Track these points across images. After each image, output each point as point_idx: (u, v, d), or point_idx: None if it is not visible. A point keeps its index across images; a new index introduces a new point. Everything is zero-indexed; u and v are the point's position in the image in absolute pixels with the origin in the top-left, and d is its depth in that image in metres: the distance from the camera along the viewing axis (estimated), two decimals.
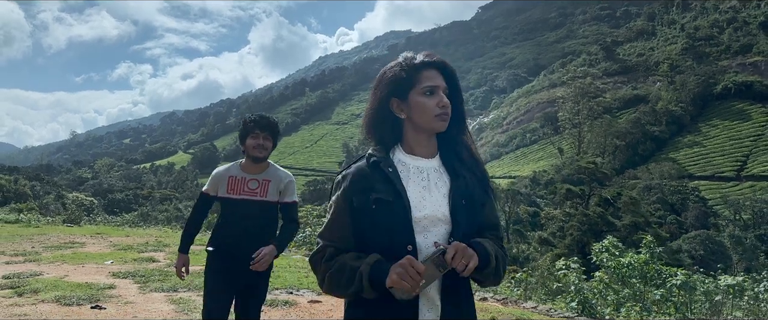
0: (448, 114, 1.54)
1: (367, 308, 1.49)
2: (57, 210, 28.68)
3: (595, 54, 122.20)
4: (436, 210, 1.51)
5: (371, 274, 1.41)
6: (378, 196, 1.49)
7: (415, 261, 1.37)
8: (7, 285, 5.68)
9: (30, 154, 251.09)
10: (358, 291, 1.44)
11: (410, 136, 1.58)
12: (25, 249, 8.82)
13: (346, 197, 1.53)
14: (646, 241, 7.63)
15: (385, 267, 1.41)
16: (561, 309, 5.70)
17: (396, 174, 1.52)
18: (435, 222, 1.50)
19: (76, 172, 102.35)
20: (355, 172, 1.55)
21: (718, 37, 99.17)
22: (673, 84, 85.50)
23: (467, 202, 1.55)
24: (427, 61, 1.57)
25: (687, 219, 45.29)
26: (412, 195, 1.51)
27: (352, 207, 1.52)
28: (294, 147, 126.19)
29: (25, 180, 47.41)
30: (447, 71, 1.59)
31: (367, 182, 1.52)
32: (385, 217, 1.48)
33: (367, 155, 1.58)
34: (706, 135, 74.22)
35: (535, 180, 61.42)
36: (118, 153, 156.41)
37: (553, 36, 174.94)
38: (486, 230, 1.62)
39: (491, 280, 1.57)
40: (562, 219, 29.64)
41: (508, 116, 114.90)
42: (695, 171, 65.54)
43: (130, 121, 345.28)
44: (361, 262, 1.45)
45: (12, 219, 15.81)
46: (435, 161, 1.59)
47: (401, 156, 1.58)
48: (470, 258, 1.41)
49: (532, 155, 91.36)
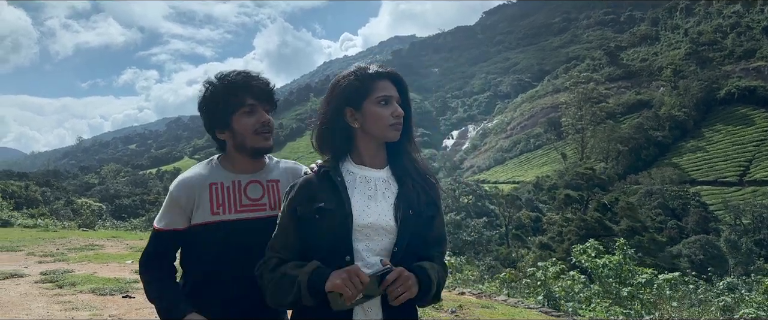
0: (401, 124, 1.56)
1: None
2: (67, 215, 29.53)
3: (598, 59, 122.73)
4: (380, 219, 1.51)
5: (310, 280, 1.43)
6: (320, 205, 1.51)
7: (361, 271, 1.39)
8: (47, 279, 6.47)
9: (36, 159, 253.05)
10: (297, 298, 1.45)
11: (361, 145, 1.60)
12: (51, 251, 9.59)
13: (292, 207, 1.56)
14: (619, 244, 8.30)
15: (326, 273, 1.42)
16: (529, 302, 6.39)
17: (343, 184, 1.54)
18: (378, 231, 1.51)
19: (83, 178, 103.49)
20: (302, 183, 1.58)
21: (721, 42, 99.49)
22: (677, 89, 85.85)
23: (414, 213, 1.54)
24: (381, 72, 1.60)
25: (687, 224, 45.73)
26: (357, 204, 1.52)
27: (297, 216, 1.54)
28: (299, 152, 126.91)
29: (36, 186, 48.38)
30: (399, 83, 1.62)
31: (312, 192, 1.55)
32: (327, 226, 1.49)
33: (317, 166, 1.62)
34: (709, 140, 74.45)
35: (538, 186, 61.86)
36: (125, 158, 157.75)
37: (557, 41, 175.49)
38: (432, 245, 1.62)
39: (429, 303, 1.61)
40: (561, 224, 30.24)
41: (512, 121, 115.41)
42: (698, 176, 65.83)
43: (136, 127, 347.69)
44: (300, 271, 1.46)
45: (31, 224, 16.62)
46: (384, 172, 1.60)
47: (350, 166, 1.60)
48: (408, 289, 1.43)
49: (536, 160, 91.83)
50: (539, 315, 5.56)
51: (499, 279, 8.46)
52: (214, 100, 1.76)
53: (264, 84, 1.81)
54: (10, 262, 8.09)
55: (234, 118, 1.75)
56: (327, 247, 1.50)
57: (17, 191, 43.38)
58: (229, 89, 1.75)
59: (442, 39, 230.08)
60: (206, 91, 1.78)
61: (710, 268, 20.79)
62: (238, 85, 1.76)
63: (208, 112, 1.78)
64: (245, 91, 1.75)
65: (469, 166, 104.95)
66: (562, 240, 28.35)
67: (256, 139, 1.77)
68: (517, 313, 5.43)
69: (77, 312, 4.99)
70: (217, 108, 1.76)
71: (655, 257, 26.69)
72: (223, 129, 1.78)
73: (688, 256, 36.22)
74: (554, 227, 33.08)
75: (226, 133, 1.78)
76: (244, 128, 1.76)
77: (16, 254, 9.21)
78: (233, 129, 1.77)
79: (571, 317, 5.71)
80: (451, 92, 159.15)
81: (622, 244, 8.48)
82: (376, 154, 1.61)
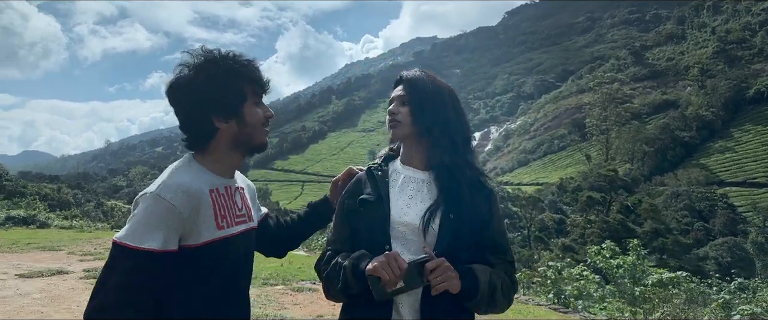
0: (394, 121, 1.60)
1: (353, 310, 1.54)
2: (98, 216, 30.53)
3: (623, 58, 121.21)
4: (415, 220, 1.50)
5: (354, 265, 1.45)
6: (363, 196, 1.57)
7: (399, 256, 1.39)
8: (90, 276, 6.99)
9: (66, 162, 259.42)
10: (345, 285, 1.47)
11: (403, 147, 1.66)
12: (89, 250, 10.18)
13: (342, 200, 1.65)
14: (632, 245, 8.50)
15: (366, 258, 1.45)
16: (539, 300, 6.65)
17: (383, 179, 1.59)
18: (414, 231, 1.50)
19: (112, 180, 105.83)
20: (354, 180, 1.67)
21: (750, 40, 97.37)
22: (704, 88, 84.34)
23: (455, 218, 1.49)
24: (396, 79, 1.70)
25: (715, 226, 45.01)
26: (397, 201, 1.55)
27: (344, 208, 1.62)
28: (321, 154, 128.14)
29: (68, 189, 49.88)
30: (402, 82, 1.67)
31: (359, 186, 1.62)
32: (368, 217, 1.54)
33: (369, 164, 1.71)
34: (738, 140, 73.01)
35: (562, 188, 61.40)
36: (151, 161, 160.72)
37: (581, 40, 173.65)
38: (489, 252, 1.56)
39: (486, 309, 1.50)
40: (584, 226, 30.13)
41: (536, 122, 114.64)
42: (726, 177, 64.61)
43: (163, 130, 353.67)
44: (347, 258, 1.50)
45: (66, 225, 17.39)
46: (427, 174, 1.60)
47: (397, 165, 1.65)
48: (449, 279, 1.39)
49: (560, 162, 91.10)
50: (548, 311, 5.83)
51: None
52: (220, 79, 1.44)
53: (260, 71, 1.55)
54: (54, 261, 8.66)
55: (245, 105, 1.48)
56: (368, 237, 1.53)
57: (50, 193, 44.77)
58: (241, 71, 1.47)
59: (463, 40, 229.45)
60: (212, 64, 1.45)
61: (734, 270, 20.55)
62: (253, 71, 1.50)
63: (209, 91, 1.43)
64: (259, 80, 1.51)
65: (492, 168, 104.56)
66: (585, 242, 28.26)
67: (263, 133, 1.53)
68: (526, 309, 5.71)
69: None
70: (226, 90, 1.44)
71: (679, 259, 26.44)
72: (227, 117, 1.45)
73: (715, 258, 35.68)
74: (577, 229, 32.97)
75: (229, 123, 1.46)
76: (256, 119, 1.50)
77: (57, 253, 9.80)
78: (243, 118, 1.47)
79: (579, 314, 5.97)
80: (474, 93, 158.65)
81: (636, 245, 8.66)
82: (412, 155, 1.62)
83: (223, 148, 1.49)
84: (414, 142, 1.61)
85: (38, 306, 5.37)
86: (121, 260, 1.29)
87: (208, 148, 1.49)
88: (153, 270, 1.30)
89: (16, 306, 5.31)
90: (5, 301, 5.53)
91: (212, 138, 1.47)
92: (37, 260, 8.72)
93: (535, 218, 40.18)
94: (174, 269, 1.35)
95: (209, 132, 1.46)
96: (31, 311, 5.16)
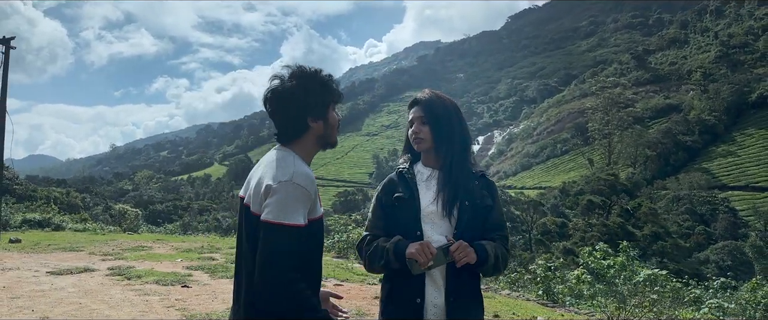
0: (419, 138, 2.07)
1: (392, 284, 2.04)
2: (106, 220, 31.10)
3: (626, 63, 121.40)
4: (440, 208, 2.00)
5: (396, 247, 1.94)
6: (398, 194, 2.05)
7: (430, 244, 1.90)
8: (115, 273, 7.56)
9: (72, 166, 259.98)
10: (387, 262, 1.95)
11: (423, 152, 2.14)
12: (108, 251, 10.76)
13: (378, 198, 2.12)
14: (622, 246, 9.00)
15: (406, 243, 1.93)
16: (530, 295, 7.17)
17: (413, 180, 2.08)
18: (440, 216, 2.00)
19: (117, 184, 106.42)
20: (386, 181, 2.15)
21: (753, 44, 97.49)
22: (707, 92, 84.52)
23: (470, 204, 2.00)
24: (411, 101, 2.18)
25: (716, 229, 45.33)
26: (424, 195, 2.04)
27: (382, 204, 2.09)
28: (325, 158, 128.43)
29: (77, 193, 50.53)
30: (419, 104, 2.14)
31: (393, 186, 2.10)
32: (403, 210, 2.03)
33: (397, 167, 2.17)
34: (741, 144, 73.18)
35: (564, 191, 61.68)
36: (157, 165, 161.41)
37: (584, 45, 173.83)
38: (492, 230, 2.05)
39: (491, 273, 2.05)
40: (584, 229, 30.55)
41: (539, 126, 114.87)
42: (728, 181, 64.80)
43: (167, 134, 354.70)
44: (388, 242, 1.98)
45: (81, 228, 17.99)
46: (441, 172, 2.07)
47: (419, 166, 2.14)
48: (468, 255, 1.88)
49: (563, 166, 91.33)
50: (535, 306, 6.36)
51: (509, 278, 9.23)
52: (315, 88, 1.84)
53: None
54: (78, 260, 9.24)
55: (329, 109, 1.89)
56: (403, 226, 2.01)
57: (59, 197, 45.39)
58: (327, 83, 1.88)
59: (467, 44, 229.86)
60: (307, 76, 1.85)
61: (730, 273, 20.98)
62: (335, 83, 1.91)
63: (307, 97, 1.82)
64: (337, 91, 1.92)
65: (495, 172, 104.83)
66: (585, 245, 28.67)
67: (336, 133, 1.94)
68: (515, 303, 6.23)
69: (148, 297, 6.03)
70: (318, 96, 1.84)
71: (678, 262, 26.82)
72: (318, 117, 1.85)
73: (716, 262, 36.02)
74: (578, 232, 33.39)
75: (319, 122, 1.86)
76: (335, 122, 1.92)
77: (79, 253, 10.39)
78: (328, 120, 1.89)
79: (565, 308, 6.47)
80: (477, 97, 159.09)
81: (626, 246, 9.14)
82: (430, 159, 2.12)
83: (311, 142, 1.88)
84: (431, 150, 2.09)
85: (75, 298, 5.94)
86: (283, 235, 1.65)
87: (298, 142, 1.86)
88: (303, 240, 1.69)
89: (55, 298, 5.89)
90: (45, 294, 6.10)
91: (303, 134, 1.85)
92: (61, 259, 9.30)
93: (537, 221, 40.60)
94: (307, 235, 1.72)
95: (303, 129, 1.84)
96: (69, 302, 5.72)
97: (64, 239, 13.31)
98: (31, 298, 5.85)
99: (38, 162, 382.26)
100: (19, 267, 8.03)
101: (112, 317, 5.16)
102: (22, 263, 8.59)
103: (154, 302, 5.77)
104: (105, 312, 5.33)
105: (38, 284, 6.70)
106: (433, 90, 2.22)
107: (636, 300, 6.57)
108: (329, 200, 79.46)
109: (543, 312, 6.04)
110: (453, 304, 1.97)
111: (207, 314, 5.29)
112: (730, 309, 6.84)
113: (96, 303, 5.68)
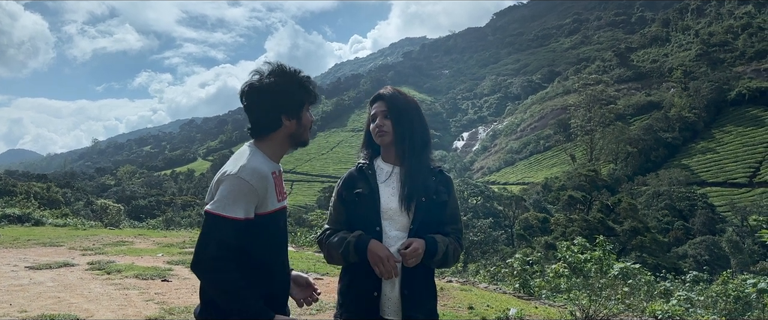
0: (383, 132, 2.11)
1: (351, 277, 2.10)
2: (87, 215, 30.73)
3: (609, 60, 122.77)
4: (399, 205, 2.06)
5: (356, 243, 2.01)
6: (358, 191, 2.09)
7: (393, 257, 1.99)
8: (95, 268, 7.56)
9: (53, 160, 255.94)
10: (346, 253, 2.02)
11: (382, 148, 2.18)
12: (88, 246, 10.69)
13: (339, 193, 2.15)
14: (599, 241, 9.20)
15: (365, 239, 2.01)
16: (506, 288, 7.33)
17: (374, 176, 2.12)
18: (398, 212, 2.06)
19: (100, 179, 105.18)
20: (346, 176, 2.17)
21: (732, 42, 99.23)
22: (687, 90, 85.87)
23: (427, 200, 2.07)
24: (375, 96, 2.23)
25: (694, 225, 46.18)
26: (383, 192, 2.09)
27: (342, 199, 2.13)
28: (310, 154, 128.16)
29: (57, 188, 49.88)
30: (383, 98, 2.18)
31: (353, 182, 2.13)
32: (363, 206, 2.08)
33: (357, 163, 2.19)
34: (720, 141, 74.50)
35: (546, 187, 62.36)
36: (139, 160, 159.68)
37: (567, 42, 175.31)
38: (447, 224, 2.14)
39: (440, 265, 2.13)
40: (566, 224, 30.95)
41: (522, 123, 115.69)
42: (707, 177, 65.98)
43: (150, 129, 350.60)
44: (349, 235, 2.05)
45: (61, 223, 17.79)
46: (400, 168, 2.13)
47: (379, 162, 2.18)
48: (417, 258, 1.99)
49: (546, 162, 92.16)
50: (510, 298, 6.51)
51: (488, 271, 9.39)
52: (292, 87, 1.90)
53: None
54: (57, 255, 9.19)
55: (303, 109, 1.96)
56: (363, 221, 2.08)
57: (40, 192, 44.79)
58: (305, 83, 1.94)
59: (452, 40, 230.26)
60: (286, 75, 1.91)
61: (706, 267, 21.43)
62: (311, 85, 1.97)
63: (284, 95, 1.89)
64: (313, 92, 1.98)
65: (479, 168, 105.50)
66: (565, 240, 29.06)
67: (308, 133, 2.01)
68: (490, 295, 6.38)
69: (128, 291, 6.06)
70: (294, 95, 1.91)
71: (657, 257, 27.33)
72: (291, 116, 1.92)
73: (694, 257, 36.72)
74: (559, 227, 33.80)
75: (292, 121, 1.93)
76: (308, 122, 1.99)
77: (58, 248, 10.32)
78: (301, 119, 1.95)
79: (541, 301, 6.63)
80: (462, 94, 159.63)
81: (602, 241, 9.34)
82: (390, 154, 2.16)
83: (281, 139, 1.95)
84: (391, 144, 2.13)
85: (54, 292, 5.95)
86: (216, 225, 1.76)
87: (269, 137, 1.94)
88: (241, 233, 1.78)
89: (35, 293, 5.89)
90: (24, 288, 6.09)
91: (275, 130, 1.92)
92: (40, 254, 9.24)
93: (520, 217, 41.02)
94: (252, 231, 1.82)
95: (276, 125, 1.92)
96: (48, 296, 5.73)
97: (43, 234, 13.18)
98: (9, 292, 5.85)
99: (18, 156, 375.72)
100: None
101: (91, 310, 5.19)
102: (0, 258, 8.54)
103: (134, 296, 5.81)
104: (84, 306, 5.36)
105: (17, 279, 6.68)
106: (395, 87, 2.29)
107: (607, 292, 6.74)
108: (314, 195, 79.39)
109: (517, 304, 6.18)
110: (408, 297, 2.05)
111: (185, 307, 5.35)
112: (699, 301, 7.07)
113: (75, 297, 5.70)
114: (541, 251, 31.05)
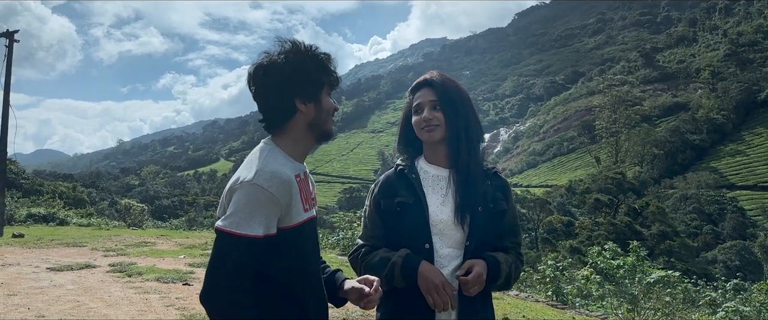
0: (430, 126, 1.72)
1: (395, 303, 1.71)
2: (112, 215, 31.12)
3: (634, 61, 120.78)
4: (452, 217, 1.68)
5: (403, 264, 1.63)
6: (401, 200, 1.71)
7: (450, 286, 1.62)
8: (116, 270, 7.45)
9: (79, 161, 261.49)
10: (390, 277, 1.65)
11: (425, 147, 1.80)
12: (111, 247, 10.66)
13: (375, 201, 1.77)
14: (633, 246, 8.81)
15: (415, 260, 1.64)
16: (538, 297, 7.00)
17: (418, 181, 1.73)
18: (450, 226, 1.69)
19: (124, 179, 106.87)
20: (383, 180, 1.79)
21: (762, 42, 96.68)
22: (715, 91, 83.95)
23: (484, 210, 1.71)
24: (417, 83, 1.81)
25: (724, 229, 45.01)
26: (431, 200, 1.71)
27: (380, 209, 1.75)
28: (331, 155, 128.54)
29: (83, 188, 50.67)
30: (434, 86, 1.76)
31: (392, 188, 1.75)
32: (407, 218, 1.70)
33: (396, 165, 1.81)
34: (750, 143, 72.64)
35: (570, 190, 61.38)
36: (163, 160, 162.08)
37: (591, 42, 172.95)
38: (506, 237, 1.80)
39: (500, 289, 1.79)
40: (591, 228, 30.32)
41: (545, 124, 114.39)
42: (737, 180, 64.33)
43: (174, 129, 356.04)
44: (394, 254, 1.66)
45: (85, 223, 17.95)
46: (449, 171, 1.75)
47: (423, 164, 1.79)
48: (480, 285, 1.63)
49: (570, 164, 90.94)
50: (545, 307, 6.19)
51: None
52: (308, 66, 1.55)
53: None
54: (80, 256, 9.14)
55: (323, 92, 1.58)
56: (408, 237, 1.70)
57: (65, 192, 45.51)
58: (323, 62, 1.58)
59: (473, 41, 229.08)
60: (300, 52, 1.56)
61: (739, 273, 20.73)
62: (331, 63, 1.60)
63: (297, 74, 1.53)
64: (334, 74, 1.61)
65: (501, 170, 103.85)
66: (592, 244, 28.45)
67: (332, 122, 1.63)
68: (524, 305, 6.07)
69: (149, 295, 5.90)
70: (311, 75, 1.55)
71: (686, 262, 26.57)
72: (308, 100, 1.55)
73: (724, 262, 35.71)
74: (585, 231, 33.13)
75: (309, 106, 1.56)
76: (330, 107, 1.60)
77: (81, 249, 10.29)
78: (320, 104, 1.58)
79: (575, 310, 6.31)
80: (483, 95, 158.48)
81: (636, 246, 8.95)
82: (437, 154, 1.78)
83: (300, 129, 1.56)
84: (441, 142, 1.75)
85: (73, 295, 5.82)
86: (230, 246, 1.39)
87: (286, 129, 1.56)
88: (259, 253, 1.42)
89: (54, 296, 5.77)
90: (43, 291, 5.98)
91: (291, 118, 1.55)
92: (63, 255, 9.20)
93: (544, 220, 40.35)
94: (275, 251, 1.47)
95: (290, 112, 1.54)
96: (67, 300, 5.60)
97: (67, 234, 13.24)
98: (29, 296, 5.74)
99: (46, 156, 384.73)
100: (19, 263, 7.94)
101: (109, 316, 5.03)
102: (23, 258, 8.50)
103: (154, 300, 5.64)
104: (103, 311, 5.20)
105: (37, 281, 6.59)
106: (444, 73, 1.84)
107: (651, 303, 6.37)
108: (335, 196, 79.45)
109: (553, 314, 5.87)
110: None
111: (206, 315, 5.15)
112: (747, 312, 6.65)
113: (94, 301, 5.56)
114: (566, 255, 30.49)
